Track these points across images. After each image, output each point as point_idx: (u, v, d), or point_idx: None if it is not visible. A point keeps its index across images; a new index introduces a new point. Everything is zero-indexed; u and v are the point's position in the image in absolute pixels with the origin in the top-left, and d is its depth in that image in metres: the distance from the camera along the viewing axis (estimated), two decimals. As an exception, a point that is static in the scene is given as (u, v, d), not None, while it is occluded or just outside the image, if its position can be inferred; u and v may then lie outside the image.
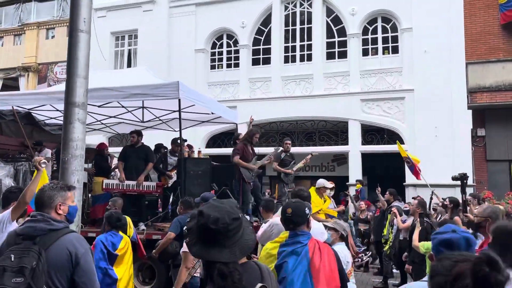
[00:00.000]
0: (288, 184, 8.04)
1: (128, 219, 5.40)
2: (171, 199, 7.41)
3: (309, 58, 14.77)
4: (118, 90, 6.85)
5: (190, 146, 9.24)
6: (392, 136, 13.73)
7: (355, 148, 13.97)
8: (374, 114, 13.81)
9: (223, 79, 15.57)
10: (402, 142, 13.50)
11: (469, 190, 12.23)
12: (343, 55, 14.50)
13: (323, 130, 14.82)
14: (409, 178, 12.22)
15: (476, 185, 12.85)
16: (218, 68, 15.84)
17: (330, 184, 6.55)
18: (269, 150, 15.05)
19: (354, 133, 13.96)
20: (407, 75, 13.53)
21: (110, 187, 7.22)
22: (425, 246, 4.78)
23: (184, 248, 4.36)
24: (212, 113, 8.83)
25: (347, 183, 13.86)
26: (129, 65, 16.64)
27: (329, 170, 16.14)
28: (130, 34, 16.68)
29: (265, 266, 1.76)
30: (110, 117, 9.21)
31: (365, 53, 14.29)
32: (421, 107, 13.06)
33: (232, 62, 15.62)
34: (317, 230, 3.85)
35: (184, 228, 5.06)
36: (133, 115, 9.26)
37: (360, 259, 7.58)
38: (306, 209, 2.69)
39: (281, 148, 8.35)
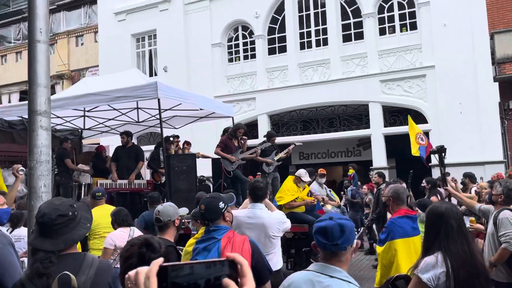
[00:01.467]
0: (268, 173, 8.07)
1: None
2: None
3: (325, 42, 14.49)
4: (103, 94, 7.03)
5: (188, 143, 9.40)
6: (417, 117, 13.25)
7: (377, 131, 13.62)
8: (395, 95, 13.38)
9: (240, 71, 15.61)
10: (425, 121, 13.02)
11: (500, 167, 11.62)
12: (359, 36, 14.10)
13: (343, 115, 14.54)
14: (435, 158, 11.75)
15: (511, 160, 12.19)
16: (235, 60, 15.90)
17: (307, 178, 6.55)
18: (291, 139, 15.02)
19: (376, 115, 13.60)
20: (427, 51, 12.97)
21: (104, 187, 7.51)
22: None
23: (105, 244, 4.74)
24: (201, 109, 8.97)
25: (370, 168, 13.56)
26: (150, 65, 17.07)
27: (355, 155, 15.85)
28: (149, 34, 17.06)
29: (91, 261, 1.96)
30: (109, 119, 9.54)
31: (382, 32, 13.82)
32: (443, 84, 12.50)
33: (249, 53, 15.61)
34: (276, 220, 3.86)
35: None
36: (127, 116, 9.55)
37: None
38: (221, 203, 2.69)
39: (268, 144, 8.34)
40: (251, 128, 15.46)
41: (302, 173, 6.50)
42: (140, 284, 0.79)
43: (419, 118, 13.25)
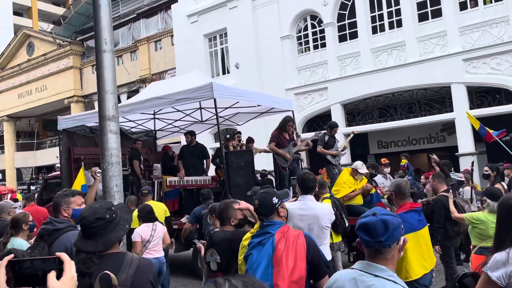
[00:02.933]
0: (336, 165, 7.89)
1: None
2: None
3: (399, 24, 13.71)
4: (166, 97, 7.46)
5: (251, 140, 9.61)
6: (508, 95, 12.07)
7: (462, 114, 12.58)
8: (480, 74, 12.27)
9: (311, 61, 15.38)
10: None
11: None
12: (437, 14, 13.13)
13: (423, 99, 13.68)
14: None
15: None
16: (305, 51, 15.69)
17: (363, 170, 6.27)
18: (367, 127, 14.52)
19: (460, 97, 12.60)
20: (516, 22, 11.70)
21: (173, 184, 8.00)
22: (469, 216, 4.41)
23: (134, 238, 4.90)
24: (258, 105, 9.12)
25: (456, 154, 12.64)
26: (223, 63, 17.49)
27: (438, 141, 14.86)
28: (220, 33, 17.48)
29: (131, 259, 2.04)
30: (176, 120, 10.11)
31: (462, 7, 12.73)
32: (538, 57, 11.21)
33: (319, 42, 15.31)
34: (327, 210, 3.81)
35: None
36: (191, 117, 10.03)
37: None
38: (274, 198, 2.66)
39: (324, 131, 8.18)
40: (324, 118, 15.20)
41: (359, 165, 6.31)
42: None
43: (510, 98, 12.05)
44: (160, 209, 6.86)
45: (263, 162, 11.04)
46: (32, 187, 19.49)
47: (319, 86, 14.95)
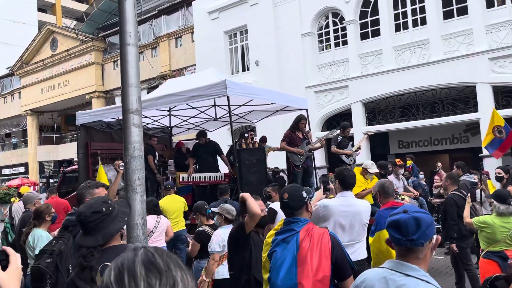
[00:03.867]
0: (350, 165, 7.84)
1: None
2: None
3: (423, 21, 13.46)
4: (180, 94, 7.53)
5: (264, 139, 9.88)
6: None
7: (487, 114, 12.24)
8: (507, 73, 11.95)
9: (332, 59, 15.22)
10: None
11: None
12: (463, 11, 12.84)
13: (447, 99, 13.40)
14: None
15: None
16: (326, 49, 15.54)
17: (373, 169, 6.29)
18: (388, 127, 14.32)
19: (485, 97, 12.29)
20: (546, 21, 11.34)
21: (186, 181, 8.19)
22: (477, 220, 4.43)
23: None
24: (272, 103, 9.22)
25: (480, 155, 12.34)
26: (243, 61, 17.46)
27: (461, 142, 14.55)
28: (240, 30, 17.45)
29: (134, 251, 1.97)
30: (191, 117, 10.29)
31: (489, 4, 12.41)
32: None
33: (340, 40, 15.14)
34: (367, 207, 3.75)
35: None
36: (206, 114, 10.13)
37: None
38: (304, 193, 2.63)
39: (337, 131, 8.23)
40: (344, 117, 15.03)
41: (369, 164, 6.33)
42: None
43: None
44: (180, 202, 7.29)
45: (276, 160, 11.04)
46: (51, 180, 19.91)
47: (340, 84, 14.80)
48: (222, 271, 4.28)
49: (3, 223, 8.79)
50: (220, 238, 4.52)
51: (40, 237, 4.47)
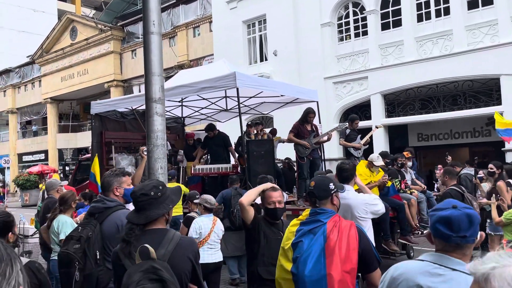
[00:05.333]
0: (358, 158, 7.85)
1: None
2: None
3: (447, 11, 13.14)
4: (191, 86, 7.66)
5: (274, 131, 10.22)
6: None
7: (511, 107, 12.01)
8: (534, 65, 11.63)
9: (351, 50, 15.02)
10: None
11: None
12: (488, 2, 12.49)
13: (469, 91, 13.11)
14: None
15: None
16: (346, 39, 15.32)
17: (379, 162, 6.28)
18: (407, 119, 14.12)
19: (509, 90, 11.99)
20: None
21: (196, 172, 8.43)
22: (506, 214, 4.60)
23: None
24: (282, 95, 9.30)
25: (502, 149, 12.08)
26: (261, 51, 17.35)
27: (483, 135, 14.24)
28: (259, 20, 17.32)
29: (172, 236, 2.19)
30: (202, 108, 10.46)
31: (517, -6, 12.05)
32: None
33: (360, 30, 14.90)
34: (362, 201, 3.73)
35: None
36: (217, 105, 10.28)
37: (420, 232, 7.14)
38: (331, 184, 2.59)
39: (346, 125, 8.25)
40: (363, 108, 14.88)
41: (374, 157, 6.31)
42: None
43: None
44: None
45: (288, 152, 11.10)
46: (67, 168, 20.35)
47: (359, 75, 14.61)
48: (202, 256, 4.43)
49: (37, 207, 9.06)
50: (197, 225, 5.09)
51: (65, 223, 4.55)
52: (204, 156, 9.51)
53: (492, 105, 12.58)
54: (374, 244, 2.63)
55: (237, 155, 9.05)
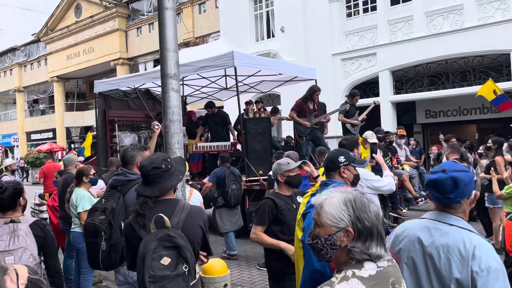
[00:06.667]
0: (355, 134, 7.97)
1: None
2: None
3: (458, -15, 12.90)
4: (190, 65, 7.82)
5: (275, 110, 10.42)
6: None
7: (521, 83, 11.92)
8: (545, 40, 11.47)
9: (360, 25, 14.83)
10: None
11: None
12: (501, -26, 12.23)
13: (479, 67, 13.00)
14: None
15: None
16: (354, 15, 15.12)
17: (373, 139, 6.41)
18: (415, 96, 14.06)
19: (520, 66, 11.88)
20: None
21: (196, 149, 8.67)
22: (507, 188, 4.75)
23: None
24: (280, 74, 9.49)
25: (511, 125, 12.05)
26: (268, 27, 17.18)
27: (492, 112, 14.15)
28: (266, -5, 17.10)
29: (183, 206, 2.29)
30: (203, 86, 10.74)
31: (530, -34, 11.78)
32: None
33: (369, 6, 14.68)
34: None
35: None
36: (217, 84, 10.58)
37: (422, 200, 7.57)
38: (341, 157, 2.64)
39: (346, 100, 8.39)
40: (371, 85, 14.81)
41: (369, 134, 6.48)
42: None
43: None
44: None
45: (289, 130, 11.29)
46: (72, 146, 20.67)
47: (368, 52, 14.48)
48: None
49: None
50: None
51: (82, 196, 4.68)
52: (205, 134, 9.74)
53: (502, 80, 12.47)
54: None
55: (236, 133, 9.21)
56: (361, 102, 14.07)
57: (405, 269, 1.81)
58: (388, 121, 13.81)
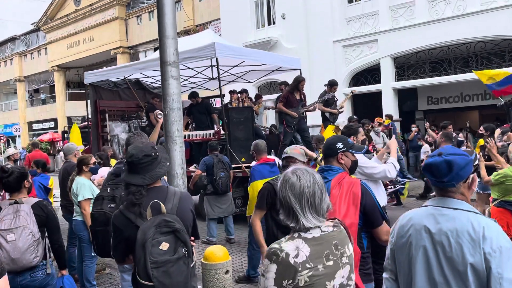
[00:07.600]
0: (334, 122, 8.23)
1: None
2: None
3: (461, -30, 12.73)
4: None
5: (259, 96, 10.69)
6: None
7: (523, 69, 11.81)
8: (548, 25, 11.35)
9: (361, 12, 14.69)
10: None
11: None
12: (504, -42, 12.06)
13: (481, 53, 12.89)
14: None
15: None
16: (355, 1, 14.96)
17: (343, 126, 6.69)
18: (417, 82, 13.99)
19: (522, 51, 11.78)
20: None
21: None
22: (495, 175, 4.78)
23: None
24: (263, 64, 9.75)
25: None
26: (268, 14, 17.03)
27: (494, 98, 14.04)
28: (266, -18, 16.92)
29: (174, 191, 2.33)
30: (191, 77, 10.91)
31: (534, -50, 11.60)
32: None
33: (371, -9, 14.53)
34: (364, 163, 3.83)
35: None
36: (203, 74, 10.83)
37: (391, 187, 7.64)
38: (339, 144, 2.65)
39: (325, 90, 8.51)
40: (373, 72, 14.73)
41: (341, 122, 6.83)
42: None
43: None
44: None
45: (274, 119, 11.43)
46: (66, 135, 20.74)
47: (369, 38, 14.37)
48: None
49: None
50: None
51: (83, 185, 4.70)
52: (190, 123, 9.89)
53: (504, 66, 12.38)
54: (380, 203, 2.69)
55: (220, 122, 9.31)
56: (363, 89, 14.15)
57: (416, 261, 1.77)
58: (390, 108, 13.76)
